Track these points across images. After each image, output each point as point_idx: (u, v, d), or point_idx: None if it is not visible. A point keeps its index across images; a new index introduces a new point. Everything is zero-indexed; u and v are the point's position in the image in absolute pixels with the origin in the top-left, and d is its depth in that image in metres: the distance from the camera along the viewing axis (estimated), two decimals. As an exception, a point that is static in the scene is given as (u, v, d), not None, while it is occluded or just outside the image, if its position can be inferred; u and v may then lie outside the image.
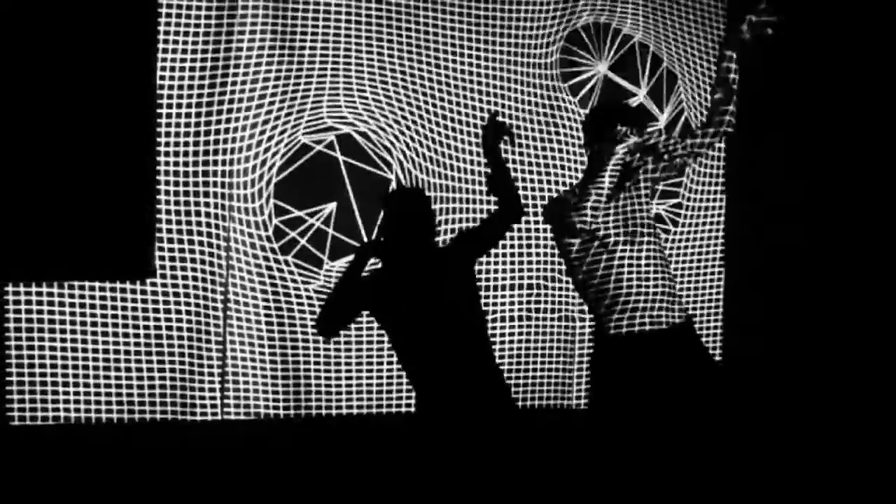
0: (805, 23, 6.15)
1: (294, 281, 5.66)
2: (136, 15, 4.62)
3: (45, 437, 5.27)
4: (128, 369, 5.40)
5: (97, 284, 5.34)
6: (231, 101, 5.53)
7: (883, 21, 6.37)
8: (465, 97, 5.97)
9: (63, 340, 5.32)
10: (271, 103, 5.60)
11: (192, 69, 5.47)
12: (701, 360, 4.46)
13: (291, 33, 5.63)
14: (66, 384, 5.32)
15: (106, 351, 5.38)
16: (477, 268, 4.58)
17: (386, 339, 5.17)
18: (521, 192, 4.72)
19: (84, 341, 5.35)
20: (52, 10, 4.36)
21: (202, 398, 5.52)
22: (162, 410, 5.45)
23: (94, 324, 5.36)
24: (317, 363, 5.69)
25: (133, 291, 5.39)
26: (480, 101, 5.98)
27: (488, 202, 5.67)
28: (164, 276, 5.45)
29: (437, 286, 4.30)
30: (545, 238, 5.99)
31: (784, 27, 4.38)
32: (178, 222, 5.48)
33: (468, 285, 4.38)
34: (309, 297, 5.67)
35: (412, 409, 5.76)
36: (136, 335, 5.41)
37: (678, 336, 4.37)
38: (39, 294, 5.28)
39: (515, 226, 4.58)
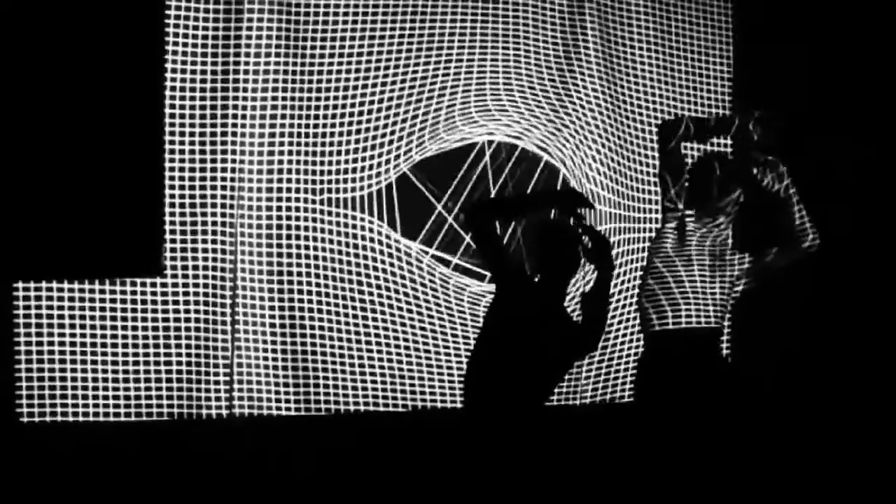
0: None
1: (300, 275, 5.68)
2: (144, 9, 4.63)
3: (54, 435, 5.27)
4: (136, 367, 5.41)
5: (106, 282, 5.35)
6: (236, 97, 5.55)
7: None
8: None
9: (73, 335, 5.33)
10: (282, 98, 5.63)
11: (203, 63, 5.48)
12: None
13: (297, 31, 5.68)
14: (74, 381, 5.33)
15: (115, 344, 5.38)
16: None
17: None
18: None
19: (95, 336, 5.36)
20: (62, 8, 4.38)
21: (216, 393, 5.52)
22: (171, 407, 5.46)
23: (102, 320, 5.37)
24: (324, 360, 5.69)
25: (142, 285, 5.41)
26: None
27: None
28: (174, 274, 5.46)
29: (540, 330, 4.37)
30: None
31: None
32: (191, 214, 5.50)
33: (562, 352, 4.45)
34: (310, 293, 5.70)
35: (412, 407, 5.81)
36: (146, 333, 5.42)
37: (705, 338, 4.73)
38: (50, 290, 5.30)
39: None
